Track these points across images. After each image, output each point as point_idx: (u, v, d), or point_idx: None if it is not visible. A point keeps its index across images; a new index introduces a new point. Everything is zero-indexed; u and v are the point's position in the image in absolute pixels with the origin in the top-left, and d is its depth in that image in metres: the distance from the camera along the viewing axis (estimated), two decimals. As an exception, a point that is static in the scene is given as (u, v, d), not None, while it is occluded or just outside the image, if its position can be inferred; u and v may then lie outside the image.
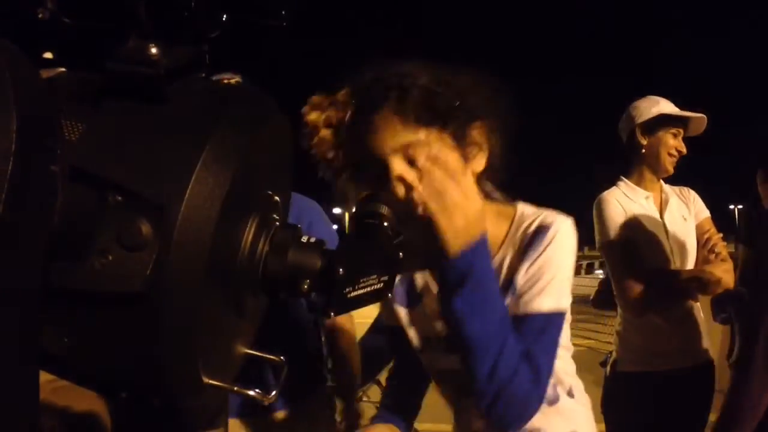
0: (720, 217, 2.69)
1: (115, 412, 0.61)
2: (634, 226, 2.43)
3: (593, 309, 3.29)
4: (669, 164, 2.51)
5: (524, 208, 1.22)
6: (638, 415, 2.41)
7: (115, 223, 0.43)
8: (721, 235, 2.53)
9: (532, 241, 1.15)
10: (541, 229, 1.15)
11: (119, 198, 0.43)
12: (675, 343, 2.41)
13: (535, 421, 1.12)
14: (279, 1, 0.51)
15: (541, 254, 1.13)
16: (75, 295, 0.43)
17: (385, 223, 0.65)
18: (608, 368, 2.60)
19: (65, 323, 0.45)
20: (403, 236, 0.65)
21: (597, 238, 2.48)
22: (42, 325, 0.43)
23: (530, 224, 1.17)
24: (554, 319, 1.12)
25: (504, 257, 1.18)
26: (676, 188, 2.64)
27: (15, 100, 0.38)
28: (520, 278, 1.14)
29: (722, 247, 2.45)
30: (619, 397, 2.51)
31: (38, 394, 0.43)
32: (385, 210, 0.68)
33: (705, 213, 2.61)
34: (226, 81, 2.02)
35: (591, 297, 3.17)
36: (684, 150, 2.52)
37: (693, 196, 2.63)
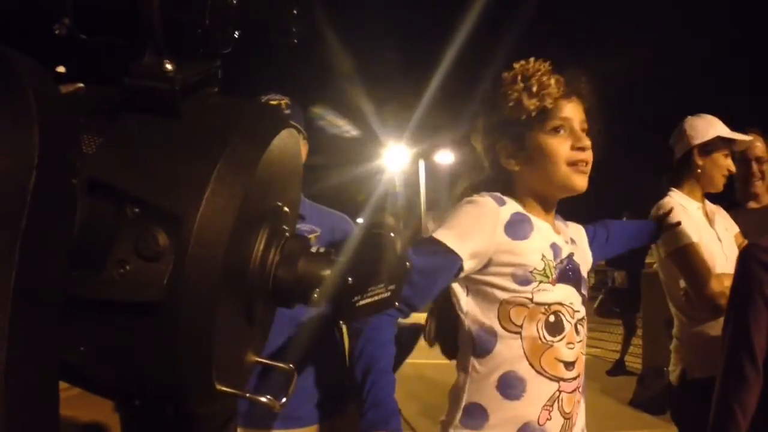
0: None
1: (125, 423, 0.62)
2: (697, 231, 2.47)
3: (598, 317, 3.32)
4: (721, 183, 2.62)
5: None
6: None
7: (133, 234, 0.44)
8: None
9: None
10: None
11: (137, 210, 0.45)
12: None
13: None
14: (291, 17, 0.52)
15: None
16: (93, 303, 0.45)
17: (392, 234, 0.66)
18: (673, 379, 2.60)
19: (83, 331, 0.46)
20: None
21: (666, 244, 2.50)
22: (62, 335, 0.44)
23: None
24: None
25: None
26: (712, 205, 2.70)
27: (37, 114, 0.39)
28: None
29: None
30: (696, 405, 2.53)
31: (58, 403, 0.44)
32: (391, 221, 0.70)
33: (736, 228, 2.69)
34: (274, 102, 2.05)
35: (594, 306, 3.20)
36: (734, 169, 2.62)
37: (723, 212, 2.72)
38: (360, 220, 2.89)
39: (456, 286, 1.55)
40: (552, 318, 1.49)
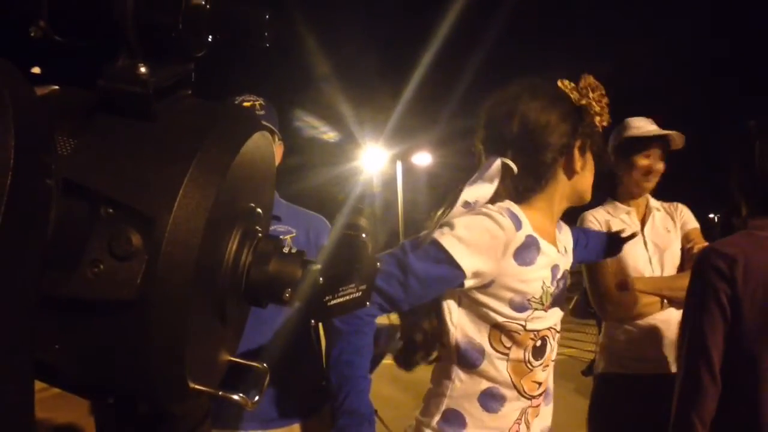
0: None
1: (100, 424, 0.62)
2: None
3: (574, 318, 3.36)
4: (643, 183, 2.65)
5: None
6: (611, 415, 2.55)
7: (107, 234, 0.45)
8: (706, 244, 2.59)
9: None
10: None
11: (110, 210, 0.45)
12: (652, 351, 2.49)
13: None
14: (262, 23, 0.53)
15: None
16: (67, 302, 0.45)
17: (364, 235, 0.67)
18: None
19: (57, 330, 0.47)
20: None
21: None
22: (36, 333, 0.45)
23: None
24: None
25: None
26: (666, 204, 2.75)
27: (13, 116, 0.40)
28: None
29: None
30: (596, 396, 2.63)
31: (33, 403, 0.44)
32: (364, 222, 0.71)
33: (692, 224, 2.73)
34: (248, 103, 2.04)
35: (570, 307, 3.23)
36: (658, 168, 2.64)
37: (681, 209, 2.76)
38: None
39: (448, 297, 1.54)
40: (539, 343, 1.53)
